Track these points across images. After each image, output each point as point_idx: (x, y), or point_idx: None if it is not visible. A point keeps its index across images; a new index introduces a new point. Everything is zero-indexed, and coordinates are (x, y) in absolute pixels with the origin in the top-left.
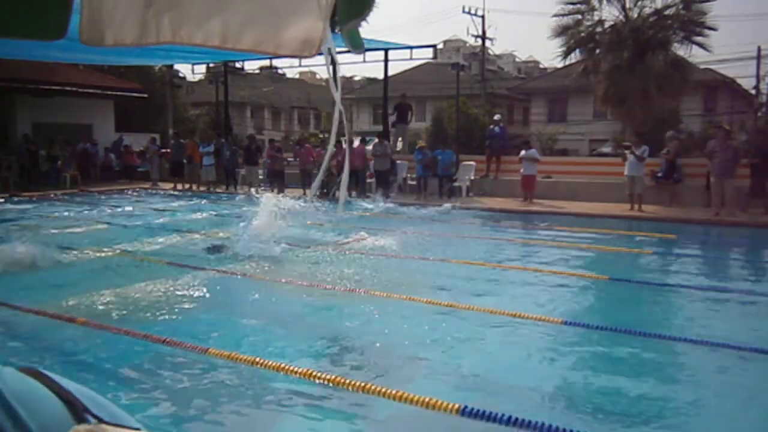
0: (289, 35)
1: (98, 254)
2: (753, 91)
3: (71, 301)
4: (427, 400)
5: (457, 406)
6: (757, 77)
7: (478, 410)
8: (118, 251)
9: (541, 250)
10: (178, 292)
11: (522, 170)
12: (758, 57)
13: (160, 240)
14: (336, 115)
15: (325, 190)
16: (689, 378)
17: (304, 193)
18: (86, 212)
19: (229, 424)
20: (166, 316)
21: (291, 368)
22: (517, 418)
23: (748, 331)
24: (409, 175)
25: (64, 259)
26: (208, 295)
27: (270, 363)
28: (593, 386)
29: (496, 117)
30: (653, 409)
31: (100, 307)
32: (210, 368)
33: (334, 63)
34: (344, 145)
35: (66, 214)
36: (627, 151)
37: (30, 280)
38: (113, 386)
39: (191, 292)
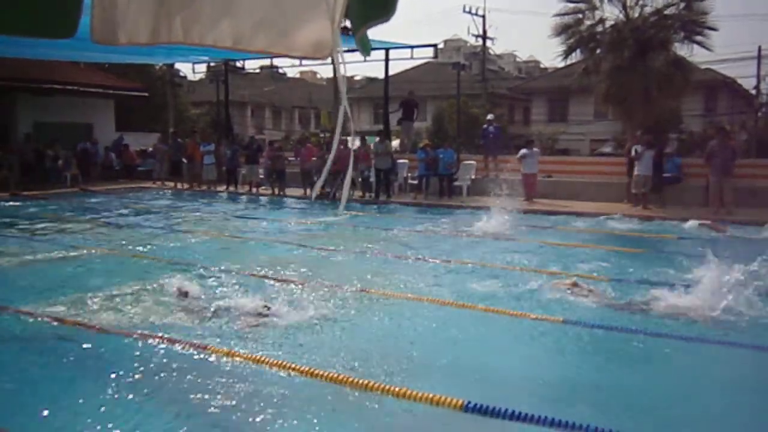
0: (301, 37)
1: None
2: (753, 91)
3: None
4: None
5: (460, 401)
6: (758, 77)
7: (482, 405)
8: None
9: None
10: None
11: (522, 169)
12: (758, 57)
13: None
14: (340, 119)
15: (328, 189)
16: (686, 374)
17: (305, 193)
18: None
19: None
20: None
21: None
22: (520, 413)
23: None
24: (409, 174)
25: None
26: None
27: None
28: (594, 382)
29: (489, 117)
30: (653, 404)
31: None
32: None
33: (342, 65)
34: (348, 145)
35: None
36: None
37: None
38: None
39: None
